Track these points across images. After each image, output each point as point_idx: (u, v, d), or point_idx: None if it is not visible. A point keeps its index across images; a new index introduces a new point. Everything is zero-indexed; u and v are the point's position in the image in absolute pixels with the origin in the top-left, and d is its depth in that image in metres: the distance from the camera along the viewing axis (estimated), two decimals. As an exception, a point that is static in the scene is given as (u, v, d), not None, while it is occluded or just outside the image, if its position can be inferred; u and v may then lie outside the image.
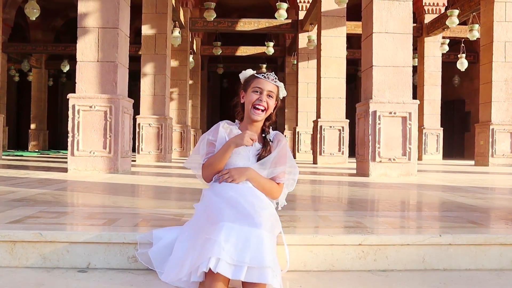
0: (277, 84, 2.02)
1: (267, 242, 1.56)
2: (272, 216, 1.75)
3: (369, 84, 5.76)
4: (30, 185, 4.00)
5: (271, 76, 2.01)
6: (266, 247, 1.54)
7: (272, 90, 2.00)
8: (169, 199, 3.44)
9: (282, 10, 10.22)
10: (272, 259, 1.53)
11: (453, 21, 10.47)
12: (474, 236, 1.98)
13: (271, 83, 2.00)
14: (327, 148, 9.17)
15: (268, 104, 1.99)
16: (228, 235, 1.55)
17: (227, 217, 1.65)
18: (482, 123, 9.42)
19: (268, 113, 2.02)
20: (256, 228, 1.59)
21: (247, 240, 1.55)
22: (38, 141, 18.55)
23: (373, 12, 5.67)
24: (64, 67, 16.66)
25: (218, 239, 1.53)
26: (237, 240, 1.54)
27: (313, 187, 4.60)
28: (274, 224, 1.73)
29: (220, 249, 1.51)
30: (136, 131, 9.04)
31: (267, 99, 1.99)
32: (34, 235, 1.87)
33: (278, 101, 2.07)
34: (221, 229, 1.57)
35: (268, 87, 2.00)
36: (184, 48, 12.01)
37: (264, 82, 2.00)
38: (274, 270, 1.52)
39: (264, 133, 2.05)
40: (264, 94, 1.99)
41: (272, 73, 2.03)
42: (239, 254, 1.51)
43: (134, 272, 1.82)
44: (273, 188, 1.99)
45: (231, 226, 1.59)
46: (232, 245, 1.53)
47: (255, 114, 1.99)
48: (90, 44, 5.69)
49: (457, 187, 4.52)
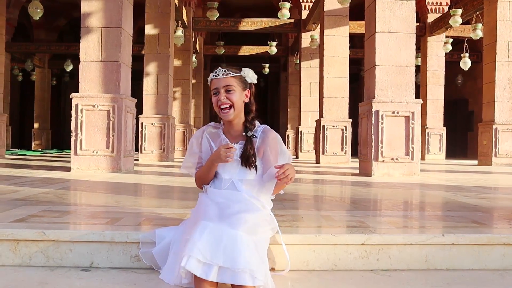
0: (232, 75, 1.89)
1: (243, 243, 1.52)
2: (260, 219, 1.69)
3: (372, 83, 5.75)
4: (33, 184, 4.01)
5: (221, 71, 1.89)
6: (242, 249, 1.50)
7: (229, 84, 1.88)
8: (172, 198, 3.44)
9: (285, 10, 10.20)
10: (248, 262, 1.48)
11: (456, 20, 10.44)
12: (477, 236, 1.98)
13: (224, 78, 1.89)
14: (330, 148, 9.16)
15: (231, 99, 1.87)
16: (202, 233, 1.53)
17: (209, 216, 1.62)
18: (485, 123, 9.40)
19: (237, 107, 1.89)
20: (232, 229, 1.55)
21: (221, 239, 1.52)
22: (41, 140, 18.59)
23: (376, 12, 5.65)
24: (67, 67, 16.69)
25: (192, 237, 1.52)
26: (211, 239, 1.52)
27: (315, 186, 4.60)
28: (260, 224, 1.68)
29: (192, 246, 1.49)
30: (139, 130, 9.07)
31: (227, 94, 1.87)
32: (37, 234, 1.88)
33: (251, 88, 1.96)
34: (197, 227, 1.56)
35: (222, 83, 1.88)
36: (187, 47, 12.01)
37: (216, 81, 1.90)
38: (254, 272, 1.48)
39: (246, 130, 1.91)
40: (221, 92, 1.88)
41: (221, 69, 1.91)
42: (212, 253, 1.48)
43: (137, 271, 1.82)
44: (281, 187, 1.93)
45: (206, 224, 1.56)
46: (206, 243, 1.50)
47: (223, 114, 1.89)
48: (93, 43, 5.69)
49: (460, 186, 4.51)
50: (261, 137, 1.92)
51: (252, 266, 1.48)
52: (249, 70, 1.95)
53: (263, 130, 1.95)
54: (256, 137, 1.91)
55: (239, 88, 1.90)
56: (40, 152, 14.32)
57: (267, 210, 1.88)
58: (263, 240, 1.69)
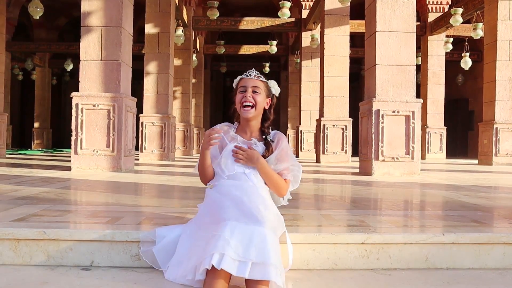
0: (261, 80, 2.04)
1: (270, 240, 1.57)
2: (275, 216, 1.77)
3: (372, 82, 5.75)
4: (33, 183, 4.02)
5: (253, 73, 2.04)
6: (270, 245, 1.55)
7: (257, 86, 2.02)
8: (172, 197, 3.44)
9: (285, 9, 10.20)
10: (276, 257, 1.53)
11: (457, 19, 10.44)
12: (478, 235, 1.98)
13: (254, 79, 2.02)
14: (330, 147, 9.16)
15: (255, 99, 2.00)
16: (233, 232, 1.56)
17: (231, 215, 1.65)
18: (486, 122, 9.40)
19: (258, 109, 2.02)
20: (260, 227, 1.60)
21: (251, 237, 1.56)
22: (42, 140, 18.60)
23: (377, 11, 5.65)
24: (68, 66, 16.70)
25: (223, 234, 1.54)
26: (242, 237, 1.55)
27: (316, 186, 4.60)
28: (277, 224, 1.74)
29: (225, 244, 1.51)
30: (139, 129, 9.07)
31: (253, 94, 2.00)
32: (38, 233, 1.88)
33: (273, 98, 2.09)
34: (226, 226, 1.59)
35: (251, 83, 2.02)
36: (187, 46, 12.01)
37: (246, 80, 2.03)
38: (278, 268, 1.52)
39: (264, 134, 2.06)
40: (248, 90, 2.00)
41: (254, 70, 2.06)
42: (244, 250, 1.52)
43: (137, 270, 1.82)
44: (280, 182, 2.01)
45: (235, 224, 1.60)
46: (237, 241, 1.53)
47: (244, 111, 2.01)
48: (93, 42, 5.69)
49: (460, 186, 4.51)
50: (275, 140, 2.07)
51: (277, 262, 1.53)
52: (275, 83, 2.12)
53: (275, 134, 2.10)
54: (273, 141, 2.05)
55: (264, 94, 2.04)
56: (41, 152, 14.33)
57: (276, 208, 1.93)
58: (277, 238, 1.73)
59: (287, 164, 2.03)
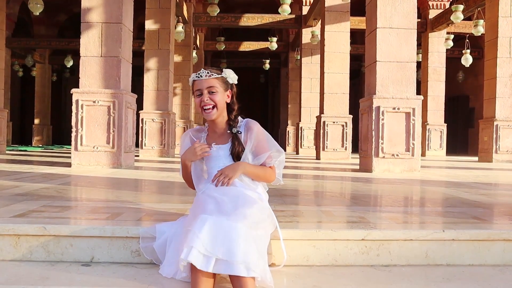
0: (214, 77, 1.95)
1: (239, 236, 1.53)
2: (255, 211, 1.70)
3: (372, 79, 5.75)
4: (34, 179, 4.02)
5: (204, 73, 1.95)
6: (238, 242, 1.52)
7: (212, 85, 1.94)
8: (172, 193, 3.45)
9: (286, 5, 10.18)
10: (244, 254, 1.50)
11: (458, 16, 10.42)
12: (478, 232, 1.98)
13: (208, 79, 1.95)
14: (330, 144, 9.16)
15: (214, 100, 1.94)
16: (203, 225, 1.54)
17: (208, 210, 1.65)
18: (486, 119, 9.39)
19: (220, 107, 1.96)
20: (231, 222, 1.57)
21: (219, 231, 1.53)
22: (42, 136, 18.60)
23: (377, 7, 5.64)
24: (68, 62, 16.68)
25: (193, 229, 1.54)
26: (211, 231, 1.53)
27: (316, 182, 4.60)
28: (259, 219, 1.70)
29: (194, 237, 1.51)
30: (139, 126, 9.06)
31: (210, 95, 1.94)
32: (38, 229, 1.88)
33: (232, 88, 2.02)
34: (197, 220, 1.58)
35: (205, 84, 1.94)
36: (188, 43, 11.99)
37: (200, 82, 1.96)
38: (250, 265, 1.49)
39: (230, 128, 1.99)
40: (204, 93, 1.94)
41: (203, 70, 1.97)
42: (213, 245, 1.51)
43: (137, 266, 1.83)
44: (267, 173, 2.00)
45: (206, 217, 1.58)
46: (207, 235, 1.52)
47: (206, 114, 1.97)
48: (93, 39, 5.68)
49: (460, 183, 4.51)
50: (245, 130, 2.00)
51: (248, 259, 1.50)
52: (230, 71, 2.01)
53: (246, 123, 2.02)
54: (240, 132, 1.98)
55: (221, 89, 1.97)
56: (41, 148, 14.33)
57: (265, 202, 1.93)
58: (263, 236, 1.71)
59: (267, 152, 1.98)
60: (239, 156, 1.95)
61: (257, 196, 1.91)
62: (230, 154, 1.97)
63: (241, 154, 1.96)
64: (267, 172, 2.00)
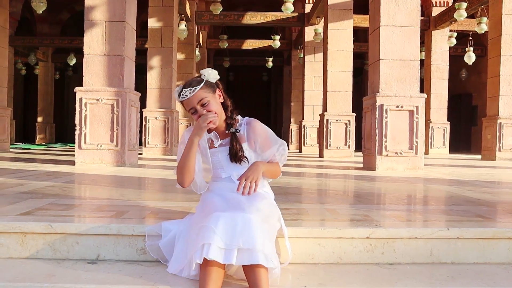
0: (198, 89, 1.87)
1: (256, 226, 1.56)
2: (266, 206, 1.74)
3: (376, 77, 5.74)
4: (38, 177, 4.03)
5: (187, 92, 1.87)
6: (256, 231, 1.54)
7: (201, 98, 1.87)
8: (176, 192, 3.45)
9: (289, 3, 10.17)
10: (263, 244, 1.52)
11: (461, 14, 10.39)
12: (482, 230, 1.98)
13: (194, 95, 1.87)
14: (333, 142, 9.16)
15: (210, 110, 1.88)
16: (217, 221, 1.55)
17: (219, 207, 1.67)
18: (490, 117, 9.37)
19: (219, 112, 1.91)
20: (245, 213, 1.59)
21: (236, 224, 1.55)
22: (45, 134, 18.66)
23: (381, 5, 5.63)
24: (71, 61, 16.70)
25: (209, 225, 1.55)
26: (227, 225, 1.55)
27: (319, 180, 4.60)
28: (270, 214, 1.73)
29: (211, 233, 1.52)
30: (142, 124, 9.07)
31: (205, 107, 1.88)
32: (44, 227, 1.89)
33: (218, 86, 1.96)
34: (212, 217, 1.59)
35: (194, 100, 1.87)
36: (191, 41, 12.00)
37: (187, 102, 1.89)
38: (268, 255, 1.52)
39: (228, 128, 1.96)
40: (198, 109, 1.88)
41: (185, 89, 1.88)
42: (230, 238, 1.52)
43: (143, 264, 1.84)
44: (277, 169, 2.02)
45: (220, 214, 1.60)
46: (222, 230, 1.53)
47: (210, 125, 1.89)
48: (97, 37, 5.69)
49: (464, 181, 4.50)
50: (246, 129, 1.98)
51: (266, 249, 1.53)
52: (208, 71, 1.95)
53: (247, 122, 2.00)
54: (239, 131, 1.95)
55: (211, 95, 1.91)
56: (44, 146, 14.36)
57: (271, 199, 1.95)
58: (272, 231, 1.73)
59: (272, 150, 1.98)
60: (237, 155, 1.93)
61: (263, 191, 1.95)
62: (229, 154, 1.94)
63: (239, 154, 1.93)
64: (276, 167, 2.02)
